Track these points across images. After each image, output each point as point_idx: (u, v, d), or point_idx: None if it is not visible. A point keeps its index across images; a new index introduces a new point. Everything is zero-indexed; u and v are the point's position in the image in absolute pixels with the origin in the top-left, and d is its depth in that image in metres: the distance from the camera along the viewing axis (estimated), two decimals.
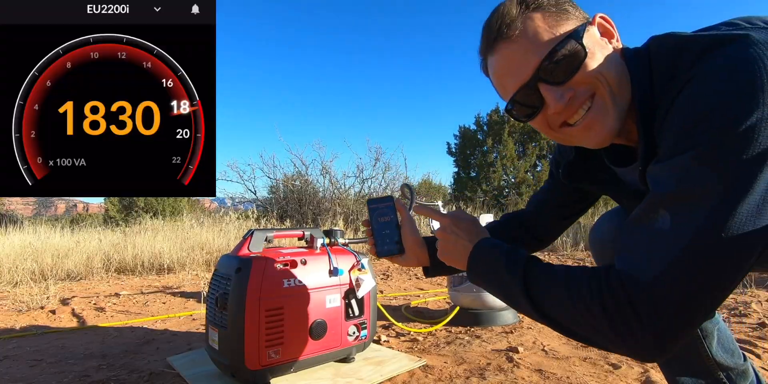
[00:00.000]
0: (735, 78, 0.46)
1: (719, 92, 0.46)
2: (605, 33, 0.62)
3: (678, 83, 0.51)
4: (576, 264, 3.80)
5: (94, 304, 2.53)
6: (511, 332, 1.75)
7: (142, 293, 2.86)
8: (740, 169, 0.44)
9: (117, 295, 2.81)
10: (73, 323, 2.13)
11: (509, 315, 1.90)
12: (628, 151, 0.69)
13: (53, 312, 2.30)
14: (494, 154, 11.25)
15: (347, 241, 1.43)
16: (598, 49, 0.58)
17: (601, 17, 0.62)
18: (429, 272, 0.88)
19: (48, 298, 2.58)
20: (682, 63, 0.52)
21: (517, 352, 1.49)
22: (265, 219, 6.56)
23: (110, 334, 1.90)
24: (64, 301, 2.59)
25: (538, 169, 11.05)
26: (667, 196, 0.48)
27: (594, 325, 0.50)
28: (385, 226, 0.85)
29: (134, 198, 11.22)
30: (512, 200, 9.86)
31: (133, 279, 3.53)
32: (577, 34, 0.57)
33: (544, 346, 1.56)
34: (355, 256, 1.36)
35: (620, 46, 0.62)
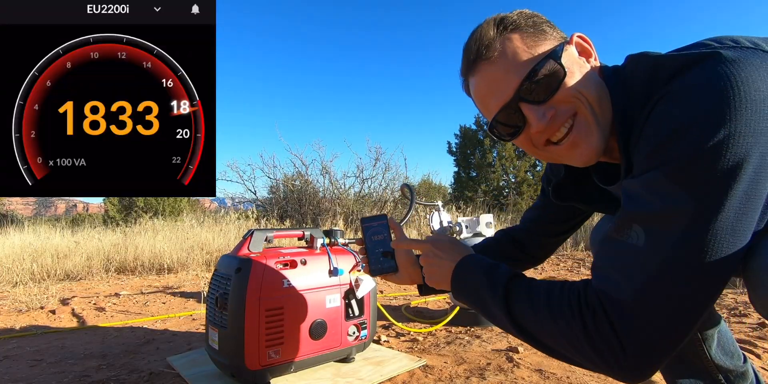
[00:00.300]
0: (704, 95, 0.46)
1: (689, 109, 0.47)
2: (583, 52, 0.63)
3: (652, 101, 0.52)
4: (576, 264, 3.80)
5: (94, 304, 2.53)
6: None
7: (142, 293, 2.86)
8: (710, 186, 0.44)
9: (117, 295, 2.81)
10: (73, 323, 2.13)
11: None
12: (615, 169, 0.70)
13: (53, 312, 2.30)
14: (493, 154, 11.25)
15: (347, 241, 1.43)
16: (576, 68, 0.59)
17: (578, 37, 0.63)
18: (423, 290, 0.88)
19: (48, 298, 2.58)
20: (656, 82, 0.53)
21: (517, 352, 1.49)
22: (265, 219, 6.55)
23: (110, 334, 1.90)
24: (64, 301, 2.59)
25: (538, 168, 11.05)
26: (640, 212, 0.49)
27: (575, 346, 0.50)
28: (379, 245, 0.85)
29: (134, 198, 11.22)
30: (512, 200, 9.86)
31: (133, 279, 3.53)
32: (555, 54, 0.58)
33: None
34: (355, 256, 1.36)
35: (598, 65, 0.63)
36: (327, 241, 1.37)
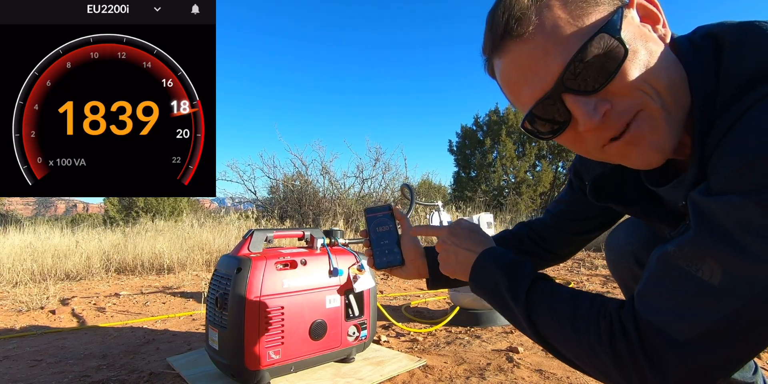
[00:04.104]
0: None
1: None
2: (647, 17, 0.48)
3: (757, 92, 0.39)
4: (576, 264, 3.79)
5: (94, 304, 2.53)
6: (511, 332, 1.75)
7: (142, 293, 2.86)
8: None
9: (117, 295, 2.81)
10: (73, 323, 2.13)
11: None
12: (667, 164, 0.58)
13: (53, 312, 2.30)
14: (493, 154, 11.25)
15: (347, 241, 1.43)
16: (641, 44, 0.45)
17: None
18: (431, 284, 0.82)
19: (48, 298, 2.58)
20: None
21: (517, 352, 1.49)
22: (265, 219, 6.56)
23: (110, 334, 1.90)
24: (64, 301, 2.59)
25: (538, 168, 11.06)
26: (721, 250, 0.38)
27: (599, 368, 0.45)
28: (384, 236, 0.79)
29: (134, 198, 11.23)
30: (512, 200, 9.87)
31: (133, 279, 3.53)
32: (612, 26, 0.43)
33: None
34: (355, 256, 1.36)
35: (668, 34, 0.48)
36: (327, 241, 1.37)
